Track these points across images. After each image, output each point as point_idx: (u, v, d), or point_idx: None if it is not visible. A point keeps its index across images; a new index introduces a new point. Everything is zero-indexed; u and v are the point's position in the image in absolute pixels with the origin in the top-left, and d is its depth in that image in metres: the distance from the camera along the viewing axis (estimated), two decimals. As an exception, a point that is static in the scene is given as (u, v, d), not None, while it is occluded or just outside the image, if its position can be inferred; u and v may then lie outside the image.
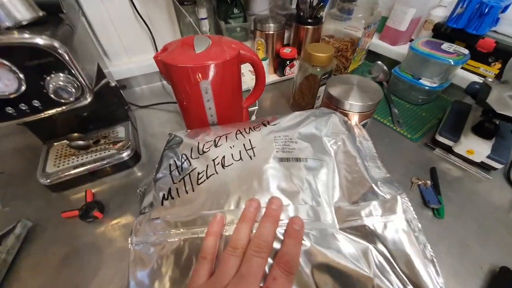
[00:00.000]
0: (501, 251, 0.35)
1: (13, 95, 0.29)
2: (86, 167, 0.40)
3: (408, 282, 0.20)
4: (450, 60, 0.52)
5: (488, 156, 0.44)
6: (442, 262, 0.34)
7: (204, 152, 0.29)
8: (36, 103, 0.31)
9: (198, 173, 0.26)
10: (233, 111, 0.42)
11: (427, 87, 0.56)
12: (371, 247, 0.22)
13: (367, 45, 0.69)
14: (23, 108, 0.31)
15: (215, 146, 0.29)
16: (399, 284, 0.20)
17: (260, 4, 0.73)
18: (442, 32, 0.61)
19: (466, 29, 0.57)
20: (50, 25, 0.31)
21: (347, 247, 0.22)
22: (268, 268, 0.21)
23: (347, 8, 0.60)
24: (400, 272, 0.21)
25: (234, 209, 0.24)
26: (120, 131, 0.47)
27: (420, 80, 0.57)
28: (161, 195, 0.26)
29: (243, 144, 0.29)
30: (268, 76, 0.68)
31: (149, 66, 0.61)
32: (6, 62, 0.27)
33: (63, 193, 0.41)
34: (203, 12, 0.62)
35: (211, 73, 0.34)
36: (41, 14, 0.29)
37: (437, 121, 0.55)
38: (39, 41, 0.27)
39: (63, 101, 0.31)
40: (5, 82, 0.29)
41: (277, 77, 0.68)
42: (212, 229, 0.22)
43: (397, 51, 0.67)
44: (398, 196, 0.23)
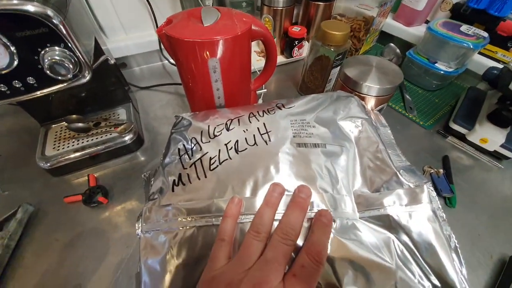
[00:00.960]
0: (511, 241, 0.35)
1: (5, 71, 0.27)
2: (87, 151, 0.38)
3: (431, 273, 0.20)
4: (469, 43, 0.49)
5: (502, 145, 0.42)
6: (454, 251, 0.33)
7: (216, 136, 0.27)
8: (31, 80, 0.28)
9: (210, 158, 0.25)
10: (242, 93, 0.40)
11: (443, 72, 0.53)
12: (393, 237, 0.21)
13: (381, 25, 0.65)
14: (17, 86, 0.28)
15: (227, 130, 0.27)
16: (421, 275, 0.20)
17: (268, -22, 0.67)
18: (461, 13, 0.58)
19: (488, 10, 0.54)
20: (42, -8, 0.28)
21: (368, 237, 0.21)
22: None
23: (362, -16, 0.56)
24: (424, 263, 0.20)
25: (250, 197, 0.22)
26: (121, 113, 0.44)
27: (436, 64, 0.54)
28: (171, 181, 0.24)
29: (257, 128, 0.27)
30: (275, 58, 0.65)
31: (149, 44, 0.58)
32: (-5, 33, 0.24)
33: (64, 177, 0.39)
34: (207, -15, 0.57)
35: (221, 50, 0.31)
36: (31, -22, 0.26)
37: (450, 108, 0.53)
38: (30, 8, 0.24)
39: (60, 78, 0.29)
40: (-5, 56, 0.26)
41: (284, 59, 0.65)
42: (230, 211, 0.21)
43: (412, 33, 0.63)
44: (425, 185, 0.22)
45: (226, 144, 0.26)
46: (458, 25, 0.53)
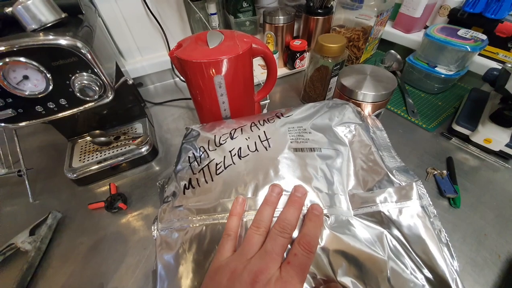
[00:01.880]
0: (520, 241, 0.34)
1: (42, 95, 0.31)
2: (109, 162, 0.42)
3: (423, 266, 0.21)
4: (467, 47, 0.50)
5: (507, 145, 0.43)
6: (458, 251, 0.34)
7: (221, 144, 0.30)
8: (63, 102, 0.33)
9: (216, 164, 0.27)
10: (246, 105, 0.43)
11: (443, 75, 0.54)
12: (386, 232, 0.22)
13: (380, 34, 0.68)
14: (51, 107, 0.33)
15: (231, 138, 0.30)
16: (414, 267, 0.21)
17: (269, -3, 0.72)
18: (458, 18, 0.59)
19: (484, 14, 0.55)
20: (72, 26, 0.33)
21: (362, 232, 0.22)
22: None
23: (359, -3, 0.59)
24: (415, 256, 0.21)
25: (252, 197, 0.25)
26: (138, 128, 0.49)
27: (436, 68, 0.55)
28: (183, 185, 0.27)
29: (258, 136, 0.30)
30: (278, 70, 0.67)
31: (162, 64, 0.63)
32: (35, 63, 0.29)
33: (88, 187, 0.43)
34: (213, 7, 0.62)
35: (225, 68, 0.35)
36: (63, 16, 0.31)
37: (454, 110, 0.54)
38: (62, 42, 0.29)
39: (88, 99, 0.33)
40: (34, 82, 0.31)
41: (287, 70, 0.68)
42: (235, 210, 0.24)
43: (412, 39, 0.65)
44: (414, 183, 0.24)
45: (230, 151, 0.28)
46: (456, 30, 0.55)
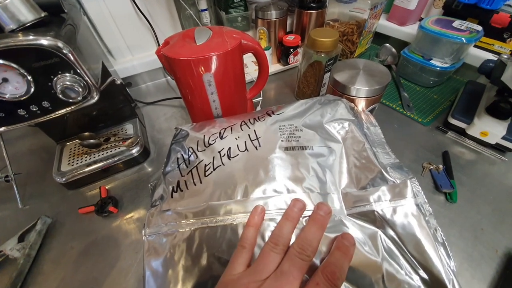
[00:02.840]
0: (517, 235, 0.34)
1: (24, 97, 0.30)
2: (99, 165, 0.41)
3: (419, 266, 0.20)
4: (462, 38, 0.50)
5: (504, 137, 0.42)
6: (455, 247, 0.33)
7: (210, 145, 0.29)
8: (46, 104, 0.32)
9: (205, 165, 0.27)
10: (238, 103, 0.42)
11: (439, 68, 0.53)
12: (380, 232, 0.22)
13: (374, 27, 0.67)
14: (34, 110, 0.32)
15: (221, 138, 0.29)
16: (409, 268, 0.20)
17: (261, -8, 0.71)
18: (453, 9, 0.58)
19: (479, 4, 0.54)
20: (53, 26, 0.31)
21: (355, 233, 0.22)
22: (312, 273, 0.20)
23: (352, -10, 0.58)
24: (410, 256, 0.20)
25: (242, 199, 0.24)
26: (129, 128, 0.48)
27: (431, 61, 0.54)
28: (171, 188, 0.26)
29: (248, 135, 0.29)
30: (272, 66, 0.67)
31: (153, 62, 0.62)
32: (14, 65, 0.28)
33: (79, 190, 0.43)
34: (203, 3, 0.61)
35: (213, 65, 0.33)
36: (43, 15, 0.30)
37: (450, 104, 0.53)
38: (44, 42, 0.28)
39: (71, 101, 0.32)
40: (15, 85, 0.29)
41: (281, 67, 0.67)
42: (253, 220, 0.22)
43: (406, 32, 0.64)
44: (408, 181, 0.23)
45: (220, 152, 0.28)
46: (451, 21, 0.54)
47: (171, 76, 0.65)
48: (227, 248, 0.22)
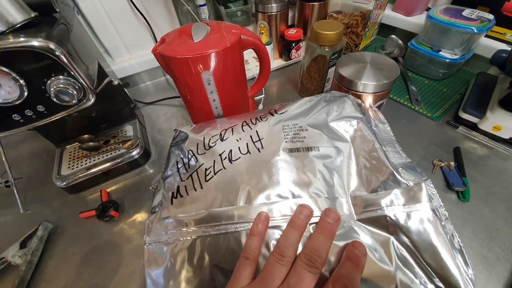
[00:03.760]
0: (535, 234, 0.32)
1: (17, 102, 0.29)
2: (99, 168, 0.41)
3: (434, 275, 0.19)
4: (473, 28, 0.47)
5: (519, 131, 0.40)
6: (469, 248, 0.32)
7: (211, 147, 0.28)
8: (41, 108, 0.31)
9: (206, 169, 0.25)
10: (239, 102, 0.41)
11: (448, 60, 0.51)
12: (393, 239, 0.20)
13: (380, 18, 0.64)
14: (29, 114, 0.31)
15: (221, 140, 0.28)
16: (425, 278, 0.19)
17: (261, -16, 0.68)
18: (463, -4, 0.55)
19: (492, -10, 0.51)
20: (45, 26, 0.30)
21: (366, 240, 0.21)
22: (320, 286, 0.19)
23: (355, -21, 0.55)
24: (425, 265, 0.19)
25: (245, 206, 0.23)
26: (129, 130, 0.47)
27: (440, 52, 0.52)
28: (170, 194, 0.25)
29: (250, 136, 0.27)
30: (273, 62, 0.65)
31: (151, 61, 0.60)
32: (5, 69, 0.27)
33: (79, 194, 0.42)
34: (201, -2, 0.59)
35: (212, 63, 0.32)
36: (33, 15, 0.28)
37: (460, 97, 0.51)
38: (35, 43, 0.27)
39: (66, 104, 0.31)
40: (7, 90, 0.28)
41: (283, 62, 0.65)
42: (257, 229, 0.21)
43: (413, 22, 0.61)
44: (423, 183, 0.21)
45: (221, 155, 0.26)
46: (460, 10, 0.51)
47: (169, 75, 0.64)
48: (230, 258, 0.21)
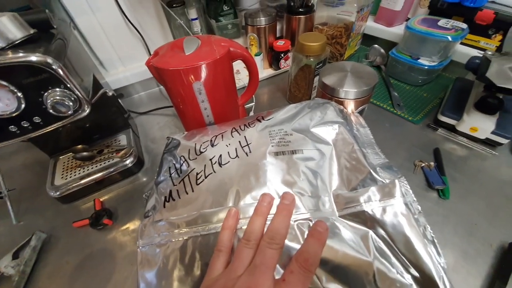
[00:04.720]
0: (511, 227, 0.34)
1: (15, 114, 0.30)
2: (93, 177, 0.41)
3: (410, 265, 0.20)
4: (448, 37, 0.51)
5: (493, 132, 0.43)
6: (449, 243, 0.33)
7: (202, 153, 0.29)
8: (37, 119, 0.32)
9: (197, 174, 0.27)
10: (229, 110, 0.43)
11: (427, 67, 0.54)
12: (371, 233, 0.22)
13: (362, 29, 0.68)
14: (25, 125, 0.32)
15: (212, 146, 0.29)
16: (401, 268, 0.21)
17: (250, -1, 0.72)
18: (439, 8, 0.59)
19: (463, 3, 0.55)
20: (43, 42, 0.32)
21: (347, 234, 0.22)
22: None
23: (338, -6, 0.59)
24: (401, 255, 0.21)
25: (233, 206, 0.24)
26: (122, 139, 0.48)
27: (419, 60, 0.55)
28: (163, 198, 0.26)
29: (239, 142, 0.29)
30: (264, 71, 0.68)
31: (145, 73, 0.62)
32: (4, 83, 0.28)
33: (73, 204, 0.42)
34: (193, 13, 0.62)
35: (203, 74, 0.34)
36: (32, 32, 0.30)
37: (439, 101, 0.54)
38: (33, 59, 0.28)
39: (62, 115, 0.32)
40: (6, 102, 0.30)
41: (273, 71, 0.68)
42: (227, 223, 0.23)
43: (394, 32, 0.65)
44: (396, 180, 0.23)
45: (211, 159, 0.28)
46: (436, 20, 0.55)
47: (162, 86, 0.65)
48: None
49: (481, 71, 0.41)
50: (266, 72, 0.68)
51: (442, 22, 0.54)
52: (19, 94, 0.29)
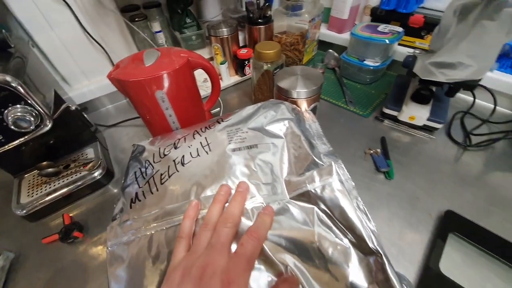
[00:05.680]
0: (447, 198, 0.40)
1: (-27, 133, 0.30)
2: (59, 192, 0.41)
3: (347, 231, 0.24)
4: (386, 40, 0.58)
5: (428, 119, 0.49)
6: (395, 216, 0.38)
7: (166, 155, 0.31)
8: (-2, 137, 0.32)
9: (161, 174, 0.29)
10: (194, 115, 0.45)
11: (372, 67, 0.61)
12: (316, 209, 0.26)
13: (317, 36, 0.74)
14: (-15, 144, 0.32)
15: (175, 148, 0.32)
16: (340, 235, 0.24)
17: (212, 11, 0.76)
18: (379, 15, 0.68)
19: (397, 9, 0.64)
20: (1, 61, 0.32)
21: (295, 212, 0.25)
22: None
23: (291, 5, 0.65)
24: (339, 223, 0.24)
25: (194, 200, 0.26)
26: (89, 152, 0.48)
27: (365, 62, 0.62)
28: (129, 200, 0.28)
29: (200, 142, 0.32)
30: (231, 78, 0.71)
31: (110, 85, 0.61)
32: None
33: (41, 221, 0.42)
34: (157, 26, 0.64)
35: (164, 83, 0.36)
36: (-12, 52, 0.31)
37: (385, 96, 0.61)
38: (-10, 78, 0.29)
39: (24, 131, 0.33)
40: (-38, 121, 0.30)
41: (239, 78, 0.72)
42: (188, 213, 0.25)
43: (344, 38, 0.73)
44: (333, 162, 0.27)
45: (174, 160, 0.30)
46: (376, 26, 0.63)
47: (126, 97, 0.66)
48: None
49: (409, 67, 0.48)
50: (233, 79, 0.71)
51: (381, 28, 0.62)
52: (-23, 113, 0.30)
